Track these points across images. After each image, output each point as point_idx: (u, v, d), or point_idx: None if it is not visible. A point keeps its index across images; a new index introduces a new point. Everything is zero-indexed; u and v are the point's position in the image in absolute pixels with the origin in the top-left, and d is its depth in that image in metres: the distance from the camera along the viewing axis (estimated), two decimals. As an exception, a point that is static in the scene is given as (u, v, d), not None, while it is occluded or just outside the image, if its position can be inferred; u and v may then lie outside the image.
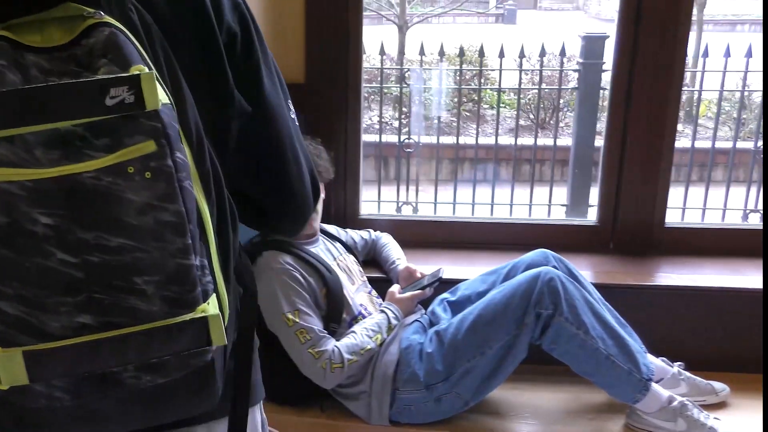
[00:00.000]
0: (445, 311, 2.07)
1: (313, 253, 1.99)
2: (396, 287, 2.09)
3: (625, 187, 2.30)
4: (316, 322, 1.90)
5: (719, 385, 2.04)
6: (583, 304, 1.86)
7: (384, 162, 4.34)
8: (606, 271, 2.25)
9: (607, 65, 3.60)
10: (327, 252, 2.06)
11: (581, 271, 2.08)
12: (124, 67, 0.71)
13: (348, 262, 2.10)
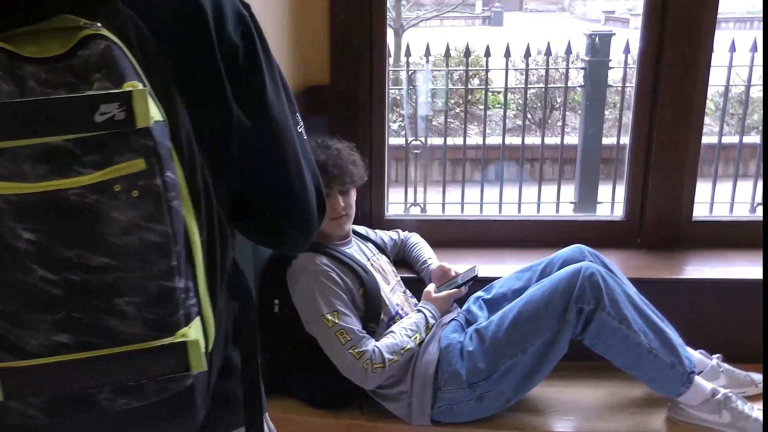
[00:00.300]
0: (481, 309, 2.06)
1: (348, 253, 1.98)
2: (432, 286, 2.07)
3: (653, 183, 2.30)
4: (355, 323, 1.88)
5: (758, 376, 2.04)
6: (624, 299, 1.86)
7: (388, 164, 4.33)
8: (635, 266, 2.25)
9: (613, 62, 3.63)
10: (361, 253, 2.04)
11: (612, 267, 2.07)
12: (118, 83, 0.70)
13: (381, 263, 2.09)
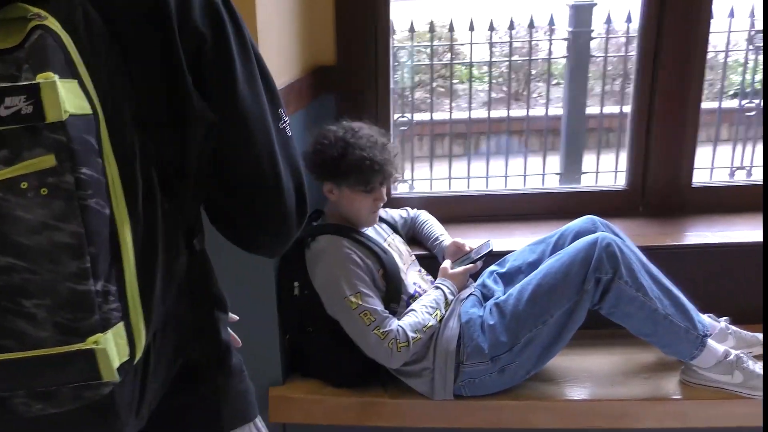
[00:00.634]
0: (496, 283, 2.09)
1: (366, 235, 1.99)
2: (447, 263, 2.10)
3: (654, 152, 2.34)
4: (378, 303, 1.90)
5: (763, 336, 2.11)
6: (639, 267, 1.90)
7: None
8: (639, 234, 2.29)
9: (595, 33, 3.66)
10: (377, 234, 2.06)
11: (618, 235, 2.11)
12: (38, 74, 0.68)
13: (396, 242, 2.10)
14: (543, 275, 1.91)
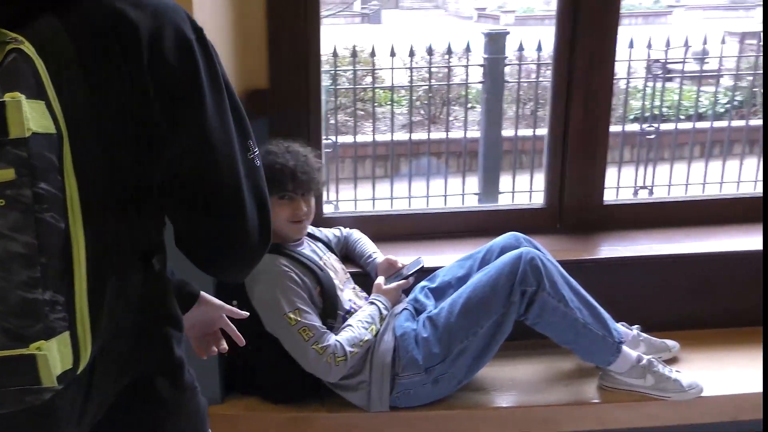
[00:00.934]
0: (427, 297, 2.18)
1: (303, 253, 2.04)
2: (381, 279, 2.17)
3: (569, 172, 2.50)
4: (316, 320, 1.95)
5: (671, 342, 2.28)
6: (560, 279, 2.03)
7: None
8: (558, 249, 2.43)
9: (508, 59, 3.84)
10: (313, 252, 2.11)
11: (540, 251, 2.25)
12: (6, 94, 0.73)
13: (332, 261, 2.16)
14: (472, 289, 2.01)
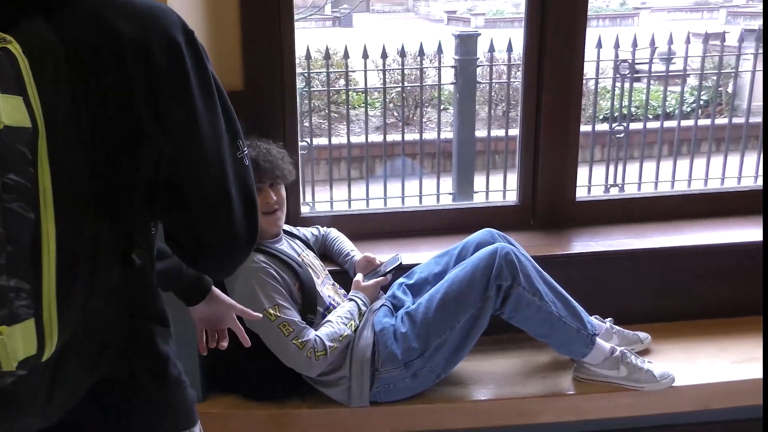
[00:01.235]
0: (405, 294, 2.21)
1: (281, 250, 2.07)
2: (359, 276, 2.20)
3: (541, 170, 2.55)
4: (295, 315, 1.98)
5: (642, 334, 2.33)
6: (535, 274, 2.08)
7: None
8: (532, 245, 2.48)
9: (480, 60, 3.90)
10: (291, 249, 2.13)
11: (514, 247, 2.29)
12: None
13: (310, 258, 2.19)
14: (449, 284, 2.05)
